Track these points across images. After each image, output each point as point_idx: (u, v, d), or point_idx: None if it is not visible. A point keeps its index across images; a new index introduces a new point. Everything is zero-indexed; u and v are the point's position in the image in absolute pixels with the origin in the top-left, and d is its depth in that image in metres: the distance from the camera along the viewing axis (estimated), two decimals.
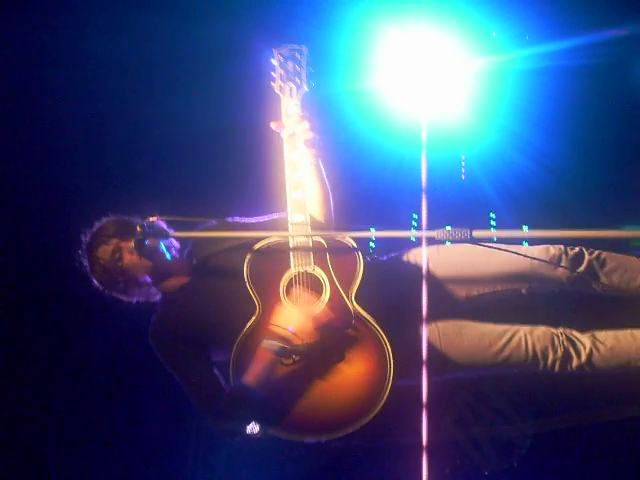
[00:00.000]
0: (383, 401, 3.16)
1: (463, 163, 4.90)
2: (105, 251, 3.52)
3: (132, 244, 3.28)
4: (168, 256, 3.57)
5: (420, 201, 3.54)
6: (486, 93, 4.67)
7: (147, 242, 3.27)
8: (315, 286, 3.27)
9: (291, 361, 3.23)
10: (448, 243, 3.52)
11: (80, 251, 3.60)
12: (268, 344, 3.21)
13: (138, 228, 3.21)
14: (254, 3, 4.50)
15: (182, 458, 4.94)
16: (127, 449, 4.97)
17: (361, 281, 3.27)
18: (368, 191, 4.79)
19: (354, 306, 3.25)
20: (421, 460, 3.19)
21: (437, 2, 4.43)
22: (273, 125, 3.32)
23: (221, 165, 4.81)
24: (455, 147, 4.87)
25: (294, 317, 3.23)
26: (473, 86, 4.60)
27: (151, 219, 3.29)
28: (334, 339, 3.24)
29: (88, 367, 5.00)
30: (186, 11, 4.55)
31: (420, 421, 3.21)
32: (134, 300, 3.63)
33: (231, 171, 4.79)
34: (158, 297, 3.65)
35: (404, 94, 4.43)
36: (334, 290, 3.26)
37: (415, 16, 4.35)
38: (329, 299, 3.25)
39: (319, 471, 4.69)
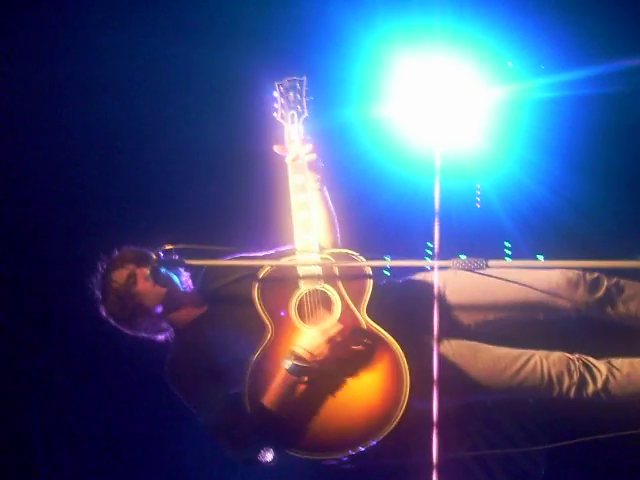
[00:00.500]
0: (401, 413, 3.16)
1: (478, 192, 4.90)
2: (120, 275, 3.56)
3: (148, 271, 3.32)
4: (181, 287, 3.62)
5: (434, 229, 3.56)
6: (502, 122, 4.66)
7: (162, 270, 3.32)
8: (326, 303, 3.30)
9: (306, 379, 3.24)
10: None
11: (94, 279, 3.64)
12: (281, 363, 3.22)
13: (154, 256, 3.25)
14: (269, 34, 4.54)
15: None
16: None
17: (372, 294, 3.30)
18: (383, 220, 4.80)
19: (366, 319, 3.26)
20: None
21: (452, 31, 4.44)
22: (276, 148, 3.46)
23: (231, 193, 4.86)
24: (471, 176, 4.87)
25: (306, 335, 3.25)
26: (489, 115, 4.60)
27: (167, 247, 3.33)
28: (348, 354, 3.25)
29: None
30: (206, 43, 4.61)
31: (433, 445, 3.22)
32: (140, 333, 3.65)
33: (241, 199, 4.84)
34: (163, 337, 3.67)
35: (419, 123, 4.43)
36: (345, 305, 3.29)
37: (430, 45, 4.36)
38: (341, 314, 3.28)
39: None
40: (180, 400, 3.52)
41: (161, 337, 3.68)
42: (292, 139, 3.43)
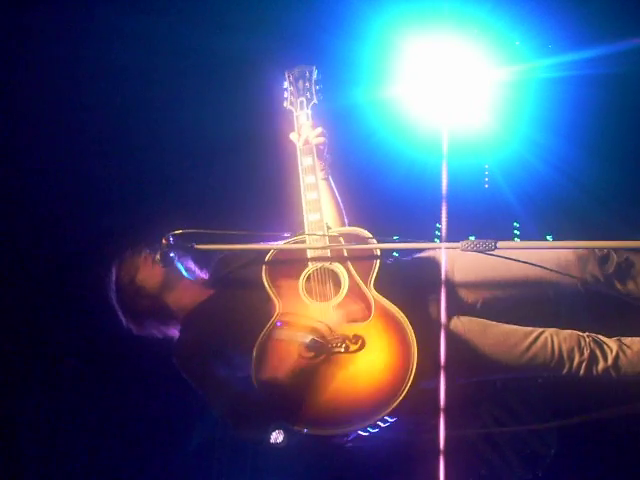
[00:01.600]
0: (408, 386, 3.13)
1: (486, 172, 4.90)
2: (133, 261, 3.64)
3: (158, 256, 3.32)
4: (193, 272, 3.68)
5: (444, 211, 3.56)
6: (509, 102, 4.66)
7: (172, 255, 3.32)
8: (333, 280, 3.33)
9: (322, 356, 3.24)
10: None
11: (107, 285, 3.68)
12: (300, 336, 3.24)
13: (164, 240, 3.25)
14: (279, 16, 4.53)
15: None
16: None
17: (379, 271, 3.32)
18: (391, 200, 4.80)
19: (373, 294, 3.28)
20: (439, 467, 3.21)
21: (460, 11, 4.44)
22: (292, 136, 3.55)
23: (242, 179, 4.87)
24: (478, 156, 4.87)
25: (316, 311, 3.28)
26: (496, 95, 4.60)
27: (176, 232, 3.34)
28: (357, 329, 3.25)
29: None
30: (215, 27, 4.60)
31: (441, 424, 3.23)
32: (145, 330, 3.69)
33: (250, 184, 4.85)
34: (169, 332, 3.69)
35: (427, 103, 4.43)
36: (353, 281, 3.30)
37: (437, 26, 4.36)
38: (348, 290, 3.30)
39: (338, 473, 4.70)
40: (188, 386, 3.52)
41: (167, 333, 3.70)
42: (302, 123, 3.53)
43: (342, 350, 3.23)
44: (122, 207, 4.66)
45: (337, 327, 3.26)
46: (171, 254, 3.31)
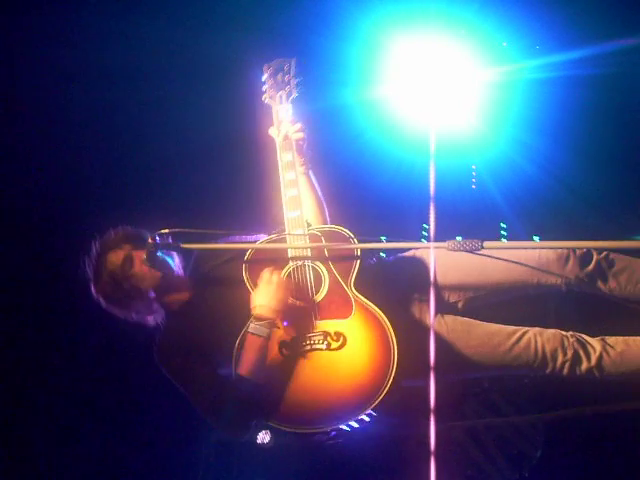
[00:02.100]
0: (389, 386, 3.14)
1: (474, 173, 4.90)
2: (116, 256, 3.53)
3: (144, 254, 3.30)
4: (176, 270, 3.60)
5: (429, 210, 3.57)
6: (496, 103, 4.67)
7: (158, 254, 3.30)
8: (314, 277, 3.33)
9: (287, 351, 3.26)
10: None
11: (87, 259, 3.60)
12: (252, 328, 3.25)
13: (150, 239, 3.23)
14: (267, 17, 4.54)
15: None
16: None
17: (360, 270, 3.31)
18: (379, 201, 4.79)
19: (354, 293, 3.28)
20: (429, 466, 3.21)
21: (447, 12, 4.44)
22: (271, 131, 3.51)
23: (223, 176, 4.84)
24: (465, 156, 4.87)
25: (296, 309, 3.29)
26: (483, 95, 4.61)
27: (162, 231, 3.32)
28: (335, 327, 3.26)
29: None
30: (201, 28, 4.60)
31: (428, 424, 3.23)
32: (130, 316, 3.62)
33: (232, 181, 4.84)
34: (153, 321, 3.65)
35: (414, 104, 4.44)
36: (333, 280, 3.31)
37: (425, 26, 4.37)
38: (328, 288, 3.30)
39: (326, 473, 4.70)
40: (170, 382, 3.50)
41: (151, 320, 3.65)
42: (281, 117, 3.49)
43: (323, 347, 3.24)
44: (106, 204, 4.64)
45: (318, 324, 3.27)
46: (158, 254, 3.30)
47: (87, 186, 4.85)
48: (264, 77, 3.52)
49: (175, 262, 3.61)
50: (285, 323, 3.30)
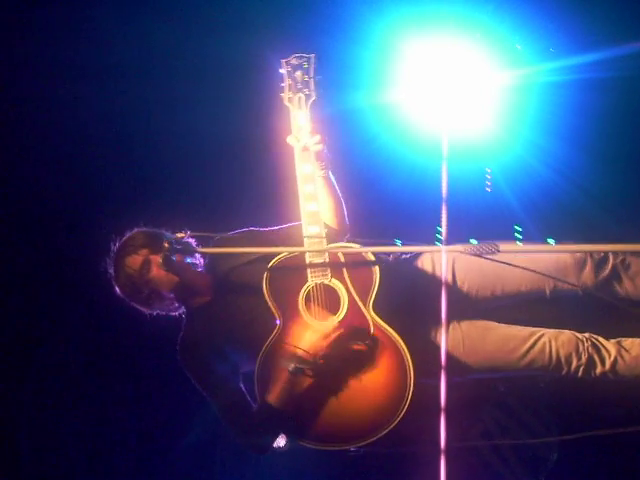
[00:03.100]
0: (404, 410, 3.21)
1: (489, 176, 4.89)
2: (134, 261, 3.52)
3: (160, 259, 3.30)
4: (194, 274, 3.60)
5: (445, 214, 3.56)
6: (511, 106, 4.65)
7: (175, 258, 3.31)
8: (333, 297, 3.31)
9: (310, 379, 3.28)
10: None
11: (107, 259, 3.62)
12: (284, 364, 3.26)
13: (166, 244, 3.24)
14: (280, 19, 4.53)
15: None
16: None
17: (378, 290, 3.30)
18: (393, 204, 4.79)
19: (372, 316, 3.28)
20: (439, 470, 3.21)
21: (461, 15, 4.44)
22: (289, 139, 3.36)
23: (239, 178, 4.86)
24: (479, 160, 4.86)
25: (310, 334, 3.29)
26: (498, 99, 4.59)
27: (179, 235, 3.33)
28: (354, 350, 3.27)
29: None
30: (214, 28, 4.60)
31: (441, 428, 3.23)
32: (154, 312, 3.64)
33: (249, 184, 4.84)
34: (179, 312, 3.67)
35: (429, 107, 4.43)
36: (351, 301, 3.30)
37: (439, 29, 4.35)
38: (347, 310, 3.29)
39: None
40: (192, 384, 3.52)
41: (174, 313, 3.67)
42: (300, 125, 3.33)
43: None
44: (121, 208, 4.64)
45: (336, 347, 3.27)
46: (174, 258, 3.31)
47: (104, 184, 4.88)
48: (282, 70, 3.33)
49: (194, 264, 3.62)
50: None
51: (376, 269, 3.31)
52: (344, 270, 3.31)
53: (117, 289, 3.61)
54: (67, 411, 4.96)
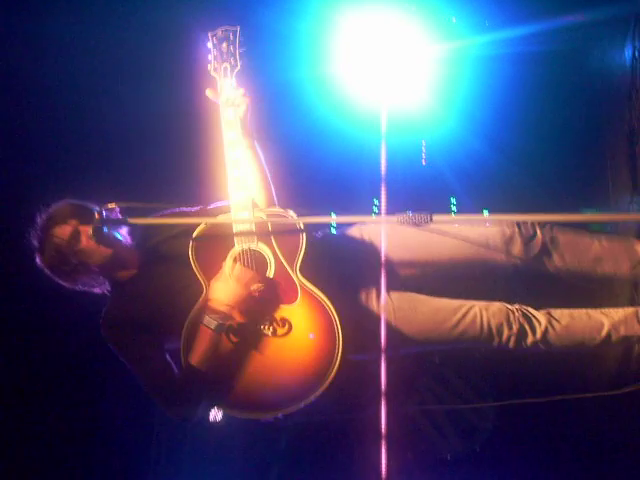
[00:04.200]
0: (334, 372, 3.15)
1: (424, 148, 4.92)
2: (63, 231, 3.43)
3: (90, 230, 3.25)
4: (123, 247, 3.53)
5: (380, 186, 3.56)
6: (446, 79, 4.69)
7: (105, 229, 3.25)
8: (260, 262, 3.28)
9: (234, 340, 3.23)
10: None
11: (32, 230, 3.52)
12: (206, 321, 3.21)
13: (96, 215, 3.19)
14: None
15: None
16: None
17: (305, 253, 3.27)
18: (329, 176, 4.78)
19: (299, 278, 3.26)
20: (381, 443, 3.22)
21: None
22: (208, 92, 3.36)
23: (168, 151, 4.79)
24: (415, 132, 4.88)
25: (230, 284, 3.24)
26: (433, 72, 4.62)
27: (109, 206, 3.27)
28: (281, 313, 3.25)
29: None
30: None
31: (379, 400, 3.24)
32: (76, 287, 3.55)
33: (177, 157, 4.76)
34: (100, 290, 3.60)
35: (364, 80, 4.43)
36: (279, 264, 3.27)
37: (375, 2, 4.35)
38: (274, 273, 3.27)
39: (281, 454, 4.71)
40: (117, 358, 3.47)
41: (97, 290, 3.59)
42: (226, 93, 3.32)
43: (269, 334, 3.23)
44: (50, 175, 4.57)
45: (263, 309, 3.26)
46: (104, 229, 3.25)
47: (32, 155, 4.76)
48: (209, 44, 3.34)
49: (123, 236, 3.56)
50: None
51: (303, 235, 3.28)
52: (270, 234, 3.29)
53: (41, 262, 3.50)
54: None
